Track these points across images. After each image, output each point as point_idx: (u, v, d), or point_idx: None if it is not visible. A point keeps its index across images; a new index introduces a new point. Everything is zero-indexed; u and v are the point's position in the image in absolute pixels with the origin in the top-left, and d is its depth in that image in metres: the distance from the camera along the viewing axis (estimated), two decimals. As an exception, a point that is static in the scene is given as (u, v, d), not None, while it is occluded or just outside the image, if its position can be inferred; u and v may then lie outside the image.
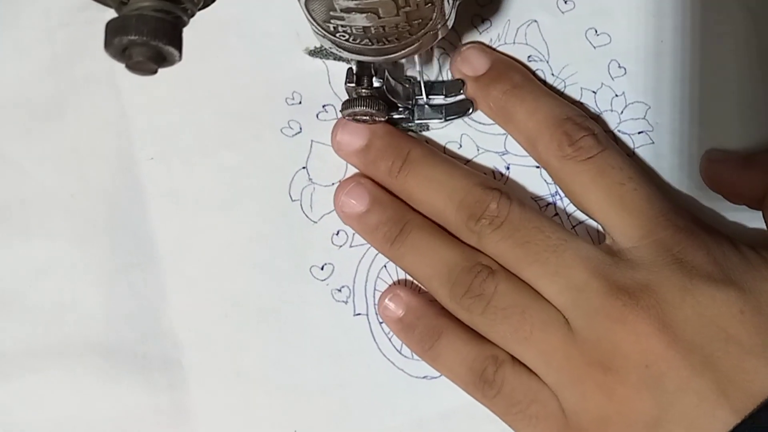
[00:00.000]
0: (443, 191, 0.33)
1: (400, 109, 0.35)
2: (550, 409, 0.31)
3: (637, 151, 0.35)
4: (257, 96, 0.36)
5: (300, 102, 0.36)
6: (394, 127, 0.35)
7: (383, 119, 0.34)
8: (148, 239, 0.35)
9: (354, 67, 0.32)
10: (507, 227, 0.32)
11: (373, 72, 0.32)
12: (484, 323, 0.32)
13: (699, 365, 0.29)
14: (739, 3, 0.35)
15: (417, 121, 0.35)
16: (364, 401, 0.35)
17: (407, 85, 0.35)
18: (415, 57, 0.32)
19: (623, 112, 0.35)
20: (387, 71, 0.33)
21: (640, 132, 0.35)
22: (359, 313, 0.35)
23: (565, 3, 0.36)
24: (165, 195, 0.36)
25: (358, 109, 0.32)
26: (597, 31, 0.36)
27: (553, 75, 0.35)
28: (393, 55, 0.29)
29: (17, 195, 0.36)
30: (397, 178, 0.34)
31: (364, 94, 0.32)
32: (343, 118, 0.34)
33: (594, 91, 0.35)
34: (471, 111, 0.35)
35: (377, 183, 0.34)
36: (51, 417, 0.35)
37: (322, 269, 0.35)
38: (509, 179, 0.35)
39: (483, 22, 0.36)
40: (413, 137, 0.35)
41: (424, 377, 0.34)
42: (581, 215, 0.34)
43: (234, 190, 0.36)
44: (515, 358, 0.32)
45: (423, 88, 0.35)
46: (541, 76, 0.35)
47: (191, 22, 0.25)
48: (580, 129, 0.32)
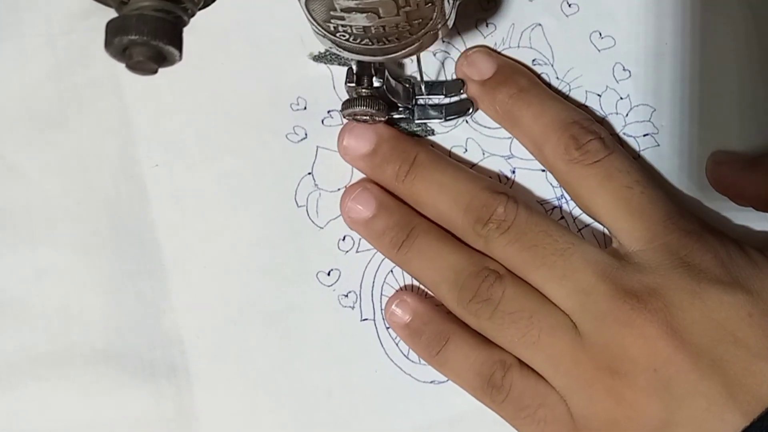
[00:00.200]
0: (450, 195, 0.33)
1: (400, 109, 0.35)
2: (558, 414, 0.31)
3: (643, 154, 0.35)
4: (262, 102, 0.36)
5: (305, 108, 0.36)
6: (400, 132, 0.35)
7: (383, 119, 0.34)
8: (153, 246, 0.35)
9: (354, 67, 0.32)
10: (514, 231, 0.32)
11: (373, 72, 0.32)
12: (491, 328, 0.32)
13: (707, 368, 0.29)
14: (741, 3, 0.35)
15: (417, 121, 0.35)
16: (371, 406, 0.35)
17: (407, 85, 0.35)
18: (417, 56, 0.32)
19: (628, 114, 0.35)
20: (387, 71, 0.33)
21: (645, 134, 0.35)
22: (366, 319, 0.35)
23: (570, 6, 0.36)
24: (170, 201, 0.35)
25: (358, 109, 0.32)
26: (601, 34, 0.36)
27: (558, 78, 0.35)
28: (393, 55, 0.29)
29: (22, 203, 0.35)
30: (404, 182, 0.34)
31: (364, 94, 0.32)
32: (350, 121, 0.34)
33: (599, 94, 0.35)
34: (471, 111, 0.35)
35: (384, 188, 0.34)
36: (57, 425, 0.35)
37: (328, 275, 0.35)
38: (515, 183, 0.35)
39: (487, 25, 0.36)
40: (420, 141, 0.35)
41: (431, 382, 0.34)
42: (587, 218, 0.34)
43: (239, 196, 0.35)
44: (523, 362, 0.32)
45: (423, 88, 0.34)
46: (546, 79, 0.35)
47: (196, 28, 0.25)
48: (586, 132, 0.32)
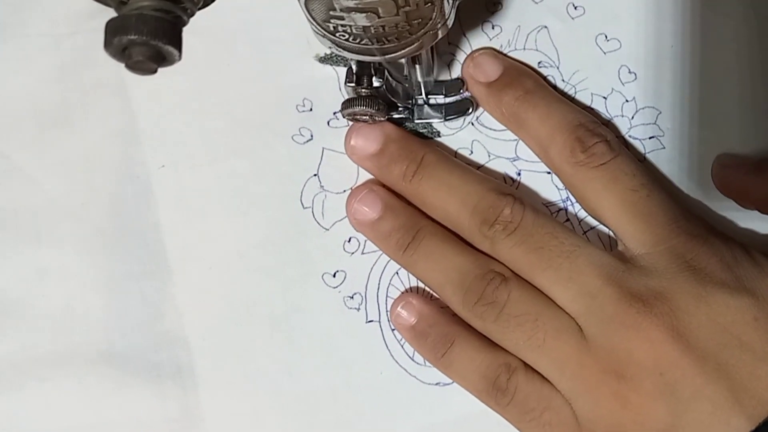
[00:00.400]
0: (457, 196, 0.33)
1: (400, 109, 0.35)
2: (563, 417, 0.31)
3: (648, 157, 0.35)
4: (268, 103, 0.36)
5: (311, 109, 0.36)
6: (407, 132, 0.35)
7: (383, 119, 0.34)
8: (158, 247, 0.35)
9: (354, 67, 0.32)
10: (520, 233, 0.32)
11: (373, 72, 0.32)
12: (497, 331, 0.32)
13: (713, 373, 0.29)
14: (745, 5, 0.35)
15: (417, 121, 0.35)
16: (376, 408, 0.35)
17: (407, 85, 0.35)
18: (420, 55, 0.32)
19: (634, 117, 0.35)
20: (387, 71, 0.33)
21: (650, 137, 0.35)
22: (371, 320, 0.35)
23: (575, 9, 0.36)
24: (176, 203, 0.35)
25: (357, 109, 0.32)
26: (607, 37, 0.35)
27: (564, 81, 0.35)
28: (393, 55, 0.29)
29: (27, 204, 0.36)
30: (411, 182, 0.34)
31: (363, 93, 0.32)
32: (356, 122, 0.34)
33: (604, 97, 0.35)
34: (471, 111, 0.35)
35: (390, 190, 0.34)
36: (60, 425, 0.35)
37: (334, 276, 0.35)
38: (520, 185, 0.35)
39: (493, 27, 0.36)
40: (427, 142, 0.35)
41: (436, 384, 0.34)
42: (592, 221, 0.34)
43: (245, 197, 0.35)
44: (528, 365, 0.32)
45: (423, 87, 0.34)
46: (552, 81, 0.35)
47: (202, 30, 0.25)
48: (592, 135, 0.32)
